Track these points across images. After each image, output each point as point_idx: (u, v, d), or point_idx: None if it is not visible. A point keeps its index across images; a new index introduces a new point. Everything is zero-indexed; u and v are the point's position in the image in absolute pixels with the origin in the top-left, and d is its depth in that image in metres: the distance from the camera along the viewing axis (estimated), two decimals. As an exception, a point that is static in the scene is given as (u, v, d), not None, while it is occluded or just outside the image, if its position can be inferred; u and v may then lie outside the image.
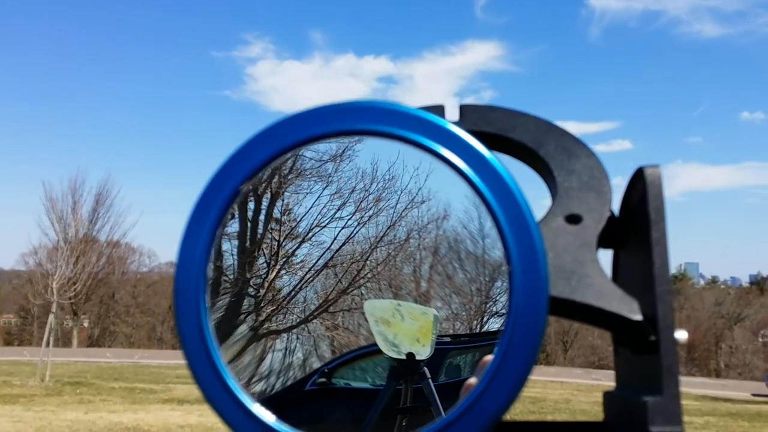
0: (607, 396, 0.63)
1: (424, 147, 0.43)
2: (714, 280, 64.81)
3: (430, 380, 0.60)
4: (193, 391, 15.24)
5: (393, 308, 0.62)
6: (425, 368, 0.63)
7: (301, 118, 0.44)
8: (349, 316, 0.66)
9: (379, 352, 0.64)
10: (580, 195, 0.64)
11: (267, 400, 0.42)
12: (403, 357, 0.63)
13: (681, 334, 0.56)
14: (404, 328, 0.62)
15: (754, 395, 23.58)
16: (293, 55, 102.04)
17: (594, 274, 0.57)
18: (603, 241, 0.63)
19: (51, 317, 16.47)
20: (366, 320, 0.63)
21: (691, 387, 26.54)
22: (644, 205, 0.59)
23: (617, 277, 0.68)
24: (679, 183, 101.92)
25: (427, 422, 0.42)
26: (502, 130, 0.68)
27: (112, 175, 44.76)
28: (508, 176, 0.44)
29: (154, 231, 74.79)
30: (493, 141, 0.68)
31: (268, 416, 0.43)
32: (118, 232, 37.97)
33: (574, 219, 0.62)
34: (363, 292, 0.66)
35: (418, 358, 0.64)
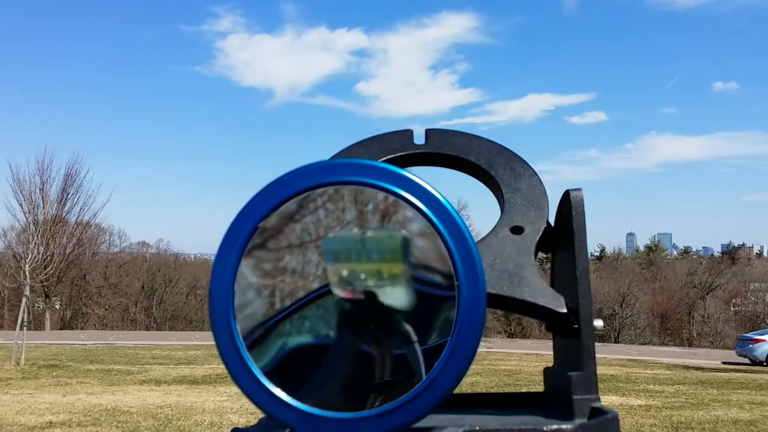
0: (546, 371, 0.80)
1: (394, 193, 0.57)
2: (686, 251, 65.86)
3: (416, 344, 0.57)
4: (170, 372, 15.19)
5: (356, 238, 0.59)
6: (409, 328, 0.57)
7: (302, 172, 0.58)
8: (300, 253, 0.60)
9: (328, 294, 0.59)
10: (523, 210, 0.78)
11: None
12: (359, 296, 0.58)
13: (597, 323, 0.72)
14: (362, 258, 0.58)
15: (724, 363, 24.11)
16: (264, 29, 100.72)
17: (531, 275, 0.72)
18: (542, 247, 0.78)
19: (24, 300, 16.23)
20: (323, 258, 0.59)
21: (664, 356, 27.05)
22: (570, 221, 0.73)
23: (554, 274, 0.82)
24: (653, 155, 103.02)
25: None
26: (461, 153, 0.84)
27: (80, 155, 43.90)
28: (456, 213, 0.57)
29: (123, 210, 73.77)
30: (453, 162, 0.85)
31: (282, 394, 0.57)
32: (87, 213, 37.53)
33: (517, 230, 0.77)
34: (321, 216, 0.59)
35: (384, 299, 0.58)
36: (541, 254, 0.83)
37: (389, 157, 0.86)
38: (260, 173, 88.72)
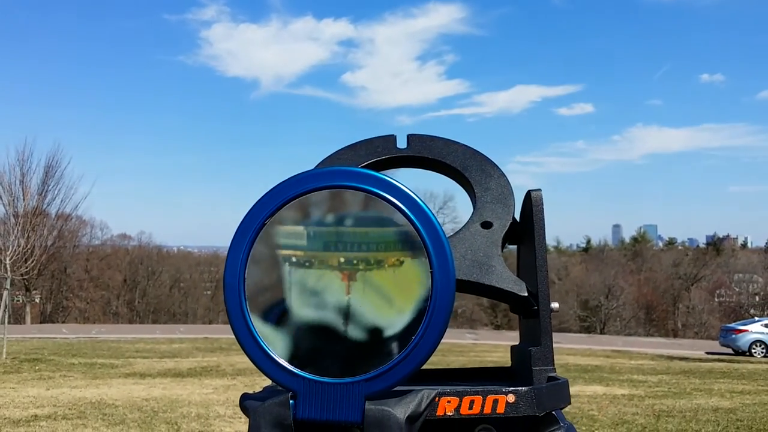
0: (513, 348, 0.92)
1: (379, 195, 0.67)
2: (672, 242, 66.27)
3: (397, 322, 0.68)
4: (155, 365, 15.11)
5: (351, 231, 0.69)
6: (392, 307, 0.69)
7: (304, 177, 0.68)
8: (302, 242, 0.70)
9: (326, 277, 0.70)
10: (492, 207, 0.88)
11: None
12: (352, 279, 0.70)
13: (554, 305, 0.82)
14: (355, 248, 0.69)
15: (708, 353, 24.35)
16: (249, 18, 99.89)
17: (497, 264, 0.83)
18: (508, 239, 0.88)
19: (5, 294, 16.06)
20: (274, 257, 0.70)
21: (649, 347, 27.29)
22: (531, 217, 0.83)
23: (519, 263, 0.92)
24: (640, 146, 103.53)
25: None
26: (439, 156, 0.94)
27: (61, 146, 43.22)
28: (430, 212, 0.66)
29: (105, 201, 73.15)
30: (432, 164, 0.95)
31: (286, 363, 0.67)
32: (69, 205, 37.14)
33: (486, 225, 0.87)
34: (320, 213, 0.70)
35: (371, 283, 0.70)
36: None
37: (375, 159, 0.95)
38: (245, 165, 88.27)
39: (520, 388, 0.74)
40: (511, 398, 0.73)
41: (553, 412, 0.77)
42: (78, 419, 8.09)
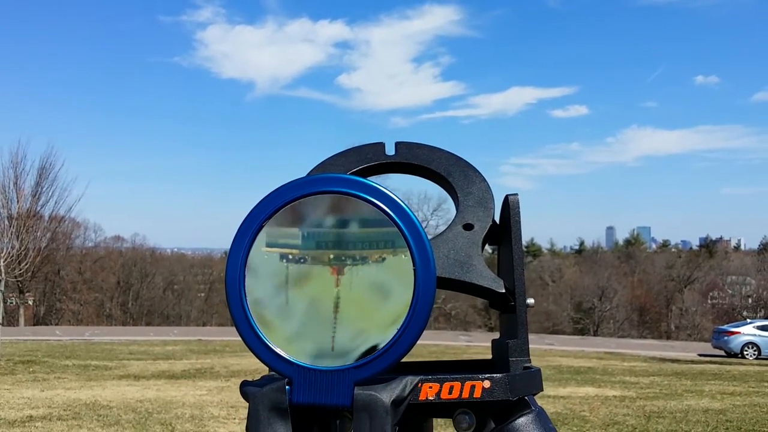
0: (494, 342, 0.97)
1: (366, 200, 0.72)
2: (665, 244, 66.38)
3: (385, 313, 0.72)
4: (149, 367, 15.13)
5: (341, 231, 0.74)
6: (379, 300, 0.73)
7: (297, 183, 0.74)
8: (297, 241, 0.75)
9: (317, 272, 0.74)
10: (474, 210, 0.94)
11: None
12: (342, 273, 0.74)
13: (529, 300, 0.88)
14: (344, 246, 0.74)
15: (700, 355, 24.43)
16: (245, 20, 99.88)
17: (478, 263, 0.88)
18: (489, 240, 0.94)
19: (0, 296, 16.06)
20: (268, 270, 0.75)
21: (642, 349, 27.34)
22: (508, 220, 0.90)
23: (499, 262, 0.98)
24: (634, 148, 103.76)
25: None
26: (425, 162, 1.00)
27: (54, 147, 42.97)
28: (413, 215, 0.72)
29: (99, 203, 72.89)
30: (418, 170, 1.01)
31: (282, 352, 0.71)
32: (62, 207, 37.04)
33: (468, 227, 0.92)
34: (313, 216, 0.74)
35: (359, 277, 0.72)
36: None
37: (365, 165, 1.01)
38: (240, 167, 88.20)
39: (495, 375, 0.79)
40: (486, 384, 0.78)
41: (526, 398, 0.82)
42: (73, 420, 8.12)
